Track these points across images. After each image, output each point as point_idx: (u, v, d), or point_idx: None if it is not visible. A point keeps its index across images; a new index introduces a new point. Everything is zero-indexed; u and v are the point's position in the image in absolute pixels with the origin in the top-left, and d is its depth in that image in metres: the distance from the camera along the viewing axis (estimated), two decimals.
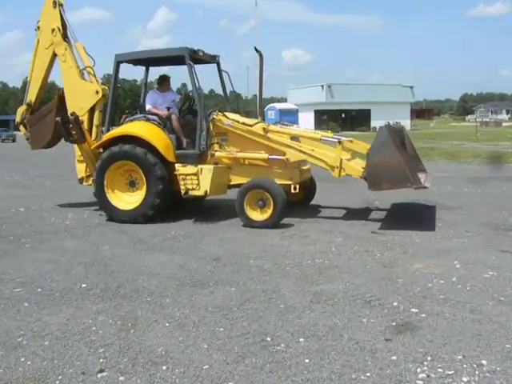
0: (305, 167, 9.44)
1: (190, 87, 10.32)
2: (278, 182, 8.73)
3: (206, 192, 8.77)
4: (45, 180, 16.45)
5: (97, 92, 10.03)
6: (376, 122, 61.45)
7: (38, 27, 10.64)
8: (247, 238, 7.71)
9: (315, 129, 51.69)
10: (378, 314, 4.60)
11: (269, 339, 4.14)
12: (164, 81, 10.31)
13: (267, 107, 27.66)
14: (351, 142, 8.87)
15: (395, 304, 4.84)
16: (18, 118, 11.30)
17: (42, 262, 6.69)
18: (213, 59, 10.31)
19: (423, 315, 4.55)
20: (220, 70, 10.55)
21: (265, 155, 8.88)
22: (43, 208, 10.89)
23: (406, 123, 64.37)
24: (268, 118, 27.09)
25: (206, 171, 8.74)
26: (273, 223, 8.32)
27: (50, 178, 16.82)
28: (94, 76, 10.23)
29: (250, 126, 9.05)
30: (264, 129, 8.91)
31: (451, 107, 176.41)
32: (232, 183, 9.18)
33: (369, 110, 64.12)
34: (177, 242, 7.68)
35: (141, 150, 8.88)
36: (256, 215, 8.49)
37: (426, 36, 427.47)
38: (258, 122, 9.22)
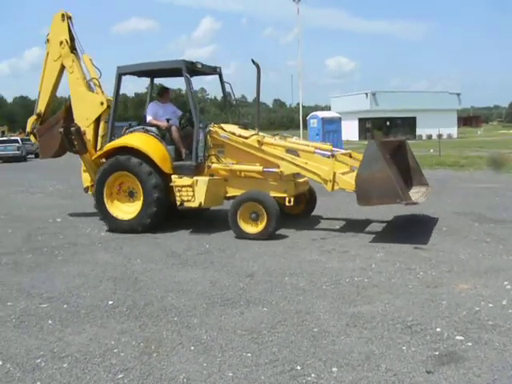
0: (301, 180, 9.26)
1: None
2: (273, 194, 8.71)
3: (200, 203, 8.80)
4: None
5: (102, 103, 10.18)
6: (422, 130, 60.36)
7: (48, 40, 10.84)
8: (283, 253, 7.41)
9: (359, 137, 50.79)
10: (420, 342, 4.23)
11: (299, 368, 3.84)
12: (164, 92, 10.41)
13: (310, 116, 27.17)
14: (349, 155, 8.91)
15: (438, 330, 4.46)
16: (28, 128, 11.54)
17: (71, 275, 6.56)
18: (214, 71, 10.37)
19: (469, 344, 4.16)
20: (222, 81, 10.57)
21: (259, 167, 8.86)
22: (80, 218, 10.87)
23: (453, 131, 63.00)
24: (310, 126, 26.59)
25: (201, 183, 8.75)
26: (267, 235, 8.27)
27: None
28: (100, 87, 10.40)
29: (246, 138, 9.00)
30: (258, 141, 8.87)
31: (500, 114, 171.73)
32: (229, 195, 9.16)
33: (414, 118, 62.94)
34: (211, 255, 7.44)
35: (136, 161, 8.98)
36: (249, 228, 8.46)
37: (473, 41, 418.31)
38: (253, 135, 9.11)
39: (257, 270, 6.58)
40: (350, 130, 54.46)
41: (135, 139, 9.39)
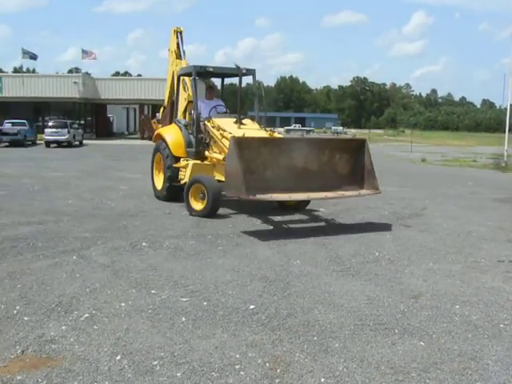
0: None
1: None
2: None
3: (185, 182, 10.32)
4: None
5: (185, 99, 12.28)
6: None
7: (168, 49, 13.66)
8: (460, 274, 6.35)
9: None
10: None
11: None
12: (207, 90, 12.26)
13: None
14: None
15: None
16: (159, 117, 14.86)
17: (224, 269, 6.26)
18: (235, 72, 11.44)
19: None
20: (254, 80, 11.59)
21: (221, 156, 9.88)
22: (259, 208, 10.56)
23: None
24: None
25: (189, 166, 10.49)
26: (206, 213, 9.45)
27: None
28: (188, 86, 12.32)
29: (219, 131, 10.08)
30: (221, 134, 9.99)
31: None
32: (217, 178, 10.10)
33: None
34: (377, 266, 6.66)
35: (162, 145, 11.46)
36: (196, 205, 9.74)
37: None
38: (221, 129, 10.05)
39: (425, 290, 5.67)
40: None
41: (165, 129, 12.21)
